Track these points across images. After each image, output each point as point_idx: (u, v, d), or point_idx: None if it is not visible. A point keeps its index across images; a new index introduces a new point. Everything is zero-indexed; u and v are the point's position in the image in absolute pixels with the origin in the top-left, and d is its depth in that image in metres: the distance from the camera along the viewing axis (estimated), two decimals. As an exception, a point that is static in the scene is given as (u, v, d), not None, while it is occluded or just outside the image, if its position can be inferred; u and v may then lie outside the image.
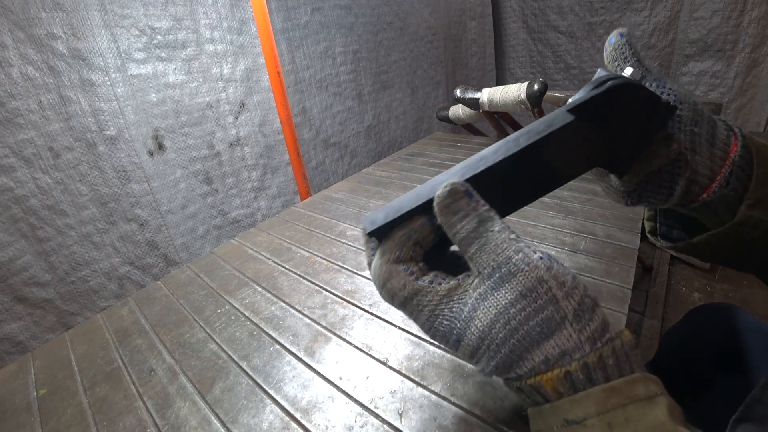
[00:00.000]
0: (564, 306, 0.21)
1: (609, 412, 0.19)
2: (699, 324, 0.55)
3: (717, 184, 0.29)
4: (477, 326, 0.22)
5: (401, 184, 0.76)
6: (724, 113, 1.48)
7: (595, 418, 0.19)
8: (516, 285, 0.22)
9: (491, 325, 0.22)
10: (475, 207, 0.23)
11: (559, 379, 0.21)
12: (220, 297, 0.48)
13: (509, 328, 0.21)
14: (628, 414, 0.19)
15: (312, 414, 0.32)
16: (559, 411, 0.20)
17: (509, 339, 0.21)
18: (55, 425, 0.34)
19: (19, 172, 0.69)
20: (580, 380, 0.20)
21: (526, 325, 0.21)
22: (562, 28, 1.78)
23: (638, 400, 0.19)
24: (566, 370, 0.20)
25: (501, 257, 0.22)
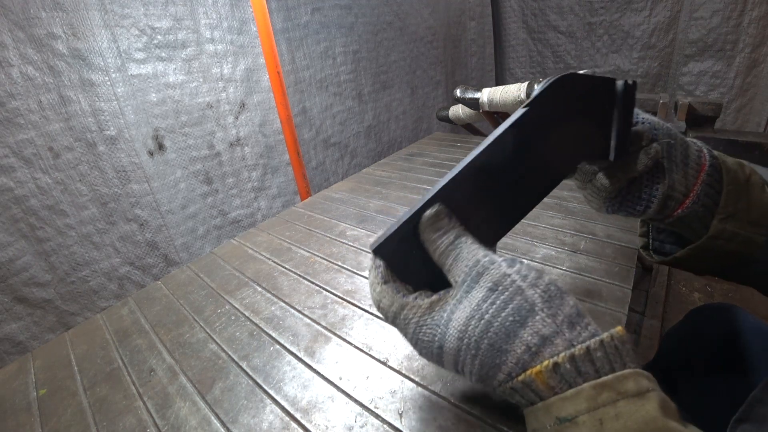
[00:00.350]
0: (530, 294, 0.23)
1: (600, 409, 0.19)
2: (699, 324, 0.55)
3: (690, 200, 0.32)
4: (454, 326, 0.24)
5: (401, 184, 0.76)
6: (724, 113, 1.48)
7: (586, 414, 0.19)
8: (484, 282, 0.24)
9: (467, 322, 0.23)
10: (453, 225, 0.26)
11: (548, 371, 0.21)
12: (220, 297, 0.48)
13: (484, 321, 0.23)
14: (619, 410, 0.19)
15: (312, 414, 0.31)
16: (551, 409, 0.20)
17: (486, 332, 0.23)
18: (55, 425, 0.34)
19: (19, 172, 0.69)
20: (569, 371, 0.21)
21: (499, 316, 0.23)
22: (561, 28, 1.78)
23: (629, 395, 0.20)
24: (554, 361, 0.21)
25: (471, 261, 0.25)
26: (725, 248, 0.33)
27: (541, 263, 0.46)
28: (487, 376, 0.23)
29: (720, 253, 0.33)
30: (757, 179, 0.33)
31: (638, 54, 1.63)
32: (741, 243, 0.32)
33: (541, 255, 0.48)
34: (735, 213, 0.32)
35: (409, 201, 0.67)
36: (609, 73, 1.72)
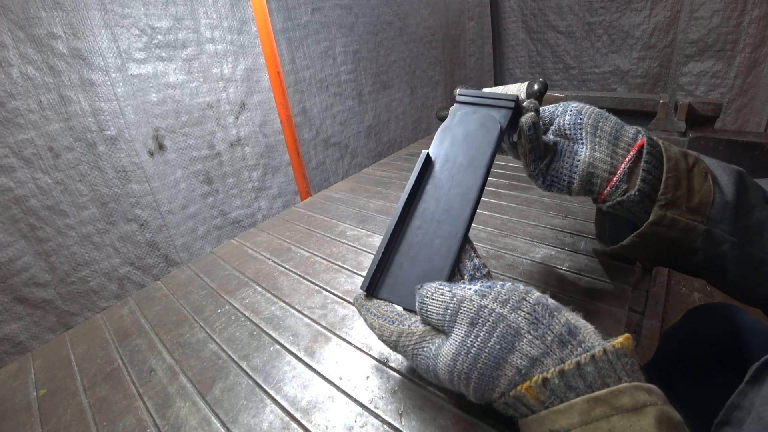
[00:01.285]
0: (513, 319, 0.23)
1: (593, 423, 0.19)
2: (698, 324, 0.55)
3: (617, 178, 0.34)
4: (443, 362, 0.24)
5: (401, 184, 0.76)
6: (725, 113, 1.48)
7: (578, 428, 0.19)
8: (462, 320, 0.24)
9: (454, 358, 0.24)
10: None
11: (538, 386, 0.21)
12: (220, 297, 0.48)
13: (471, 356, 0.23)
14: (612, 425, 0.19)
15: (312, 414, 0.31)
16: (545, 421, 0.20)
17: (475, 365, 0.23)
18: (55, 425, 0.34)
19: (19, 172, 0.69)
20: (558, 386, 0.21)
21: (485, 348, 0.23)
22: (561, 28, 1.78)
23: (624, 410, 0.19)
24: (543, 377, 0.21)
25: (440, 309, 0.25)
26: (667, 235, 0.34)
27: (541, 263, 0.46)
28: (482, 398, 0.24)
29: (663, 241, 0.34)
30: (701, 168, 0.33)
31: (638, 54, 1.63)
32: (682, 230, 0.33)
33: (541, 255, 0.48)
34: (674, 200, 0.33)
35: (409, 201, 0.67)
36: (609, 74, 1.73)
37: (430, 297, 0.26)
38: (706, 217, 0.33)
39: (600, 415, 0.19)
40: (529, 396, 0.21)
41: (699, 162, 0.34)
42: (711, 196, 0.32)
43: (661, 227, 0.34)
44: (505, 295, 0.24)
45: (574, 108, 0.36)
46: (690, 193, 0.33)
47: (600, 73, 1.75)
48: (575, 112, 0.36)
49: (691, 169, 0.33)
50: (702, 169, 0.33)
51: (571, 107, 0.36)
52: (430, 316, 0.26)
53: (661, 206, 0.33)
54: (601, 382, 0.20)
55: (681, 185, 0.33)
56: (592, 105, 0.37)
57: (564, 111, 0.37)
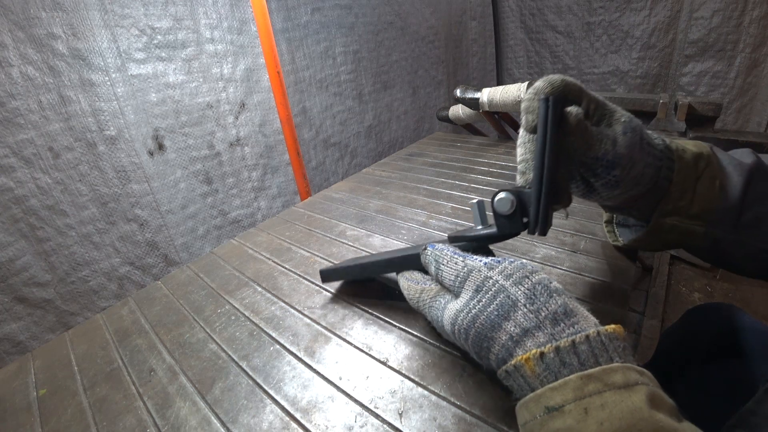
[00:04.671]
0: (513, 292, 0.25)
1: (585, 398, 0.20)
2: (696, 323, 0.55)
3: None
4: (447, 316, 0.28)
5: (401, 184, 0.76)
6: (725, 113, 1.48)
7: (572, 403, 0.20)
8: (469, 285, 0.27)
9: (456, 314, 0.27)
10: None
11: (536, 359, 0.22)
12: (220, 297, 0.48)
13: (471, 315, 0.26)
14: (605, 400, 0.20)
15: (312, 414, 0.31)
16: (540, 399, 0.21)
17: (473, 324, 0.26)
18: (55, 425, 0.34)
19: (19, 172, 0.69)
20: (554, 361, 0.22)
21: (484, 311, 0.25)
22: (560, 28, 1.78)
23: (615, 387, 0.20)
24: (541, 351, 0.22)
25: (453, 274, 0.29)
26: (667, 238, 0.36)
27: (541, 263, 0.46)
28: (480, 356, 0.26)
29: (663, 241, 0.36)
30: (710, 174, 0.34)
31: (638, 54, 1.63)
32: (681, 233, 0.35)
33: (541, 255, 0.48)
34: (676, 209, 0.34)
35: (409, 201, 0.67)
36: (608, 74, 1.73)
37: (445, 264, 0.30)
38: (707, 221, 0.34)
39: (593, 390, 0.20)
40: (527, 367, 0.22)
41: (710, 165, 0.34)
42: (714, 202, 0.33)
43: (660, 233, 0.35)
44: (510, 271, 0.26)
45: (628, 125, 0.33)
46: (693, 201, 0.33)
47: (599, 74, 1.75)
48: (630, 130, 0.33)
49: (699, 176, 0.34)
50: (711, 173, 0.33)
51: (626, 124, 0.33)
52: (443, 279, 0.30)
53: (660, 215, 0.35)
54: (593, 361, 0.22)
55: (685, 195, 0.34)
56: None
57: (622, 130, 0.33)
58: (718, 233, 0.34)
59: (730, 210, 0.33)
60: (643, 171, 0.33)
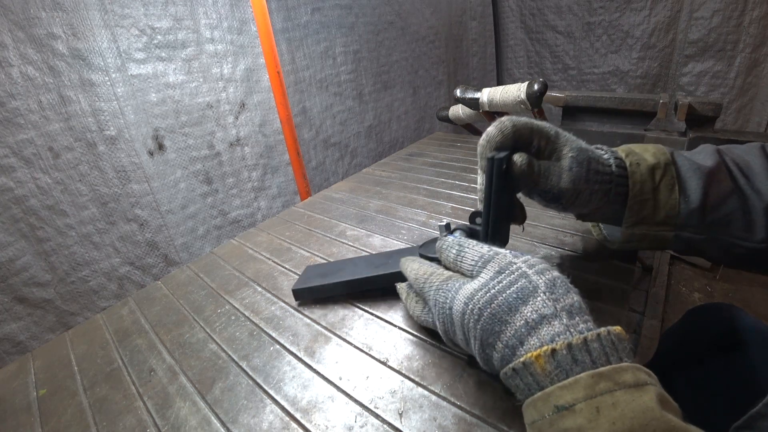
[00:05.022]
0: (535, 279, 0.25)
1: (597, 397, 0.20)
2: (697, 324, 0.55)
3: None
4: (462, 294, 0.27)
5: (401, 184, 0.76)
6: (725, 113, 1.48)
7: (583, 402, 0.20)
8: (491, 267, 0.27)
9: (474, 293, 0.26)
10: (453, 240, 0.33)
11: (547, 356, 0.22)
12: (220, 297, 0.48)
13: (489, 294, 0.25)
14: (616, 399, 0.20)
15: (312, 414, 0.31)
16: (549, 398, 0.21)
17: (490, 303, 0.25)
18: (55, 425, 0.34)
19: (19, 172, 0.69)
20: (566, 358, 0.21)
21: (504, 292, 0.25)
22: (560, 28, 1.78)
23: (626, 386, 0.20)
24: (552, 348, 0.22)
25: (476, 256, 0.29)
26: (641, 244, 0.38)
27: (541, 263, 0.46)
28: (485, 346, 0.25)
29: (641, 246, 0.38)
30: (668, 182, 0.36)
31: (638, 54, 1.63)
32: (652, 240, 0.37)
33: (541, 255, 0.48)
34: (640, 220, 0.37)
35: (409, 201, 0.67)
36: (608, 74, 1.72)
37: (470, 248, 0.30)
38: (674, 226, 0.36)
39: (604, 389, 0.20)
40: (537, 365, 0.22)
41: (668, 173, 0.36)
42: (677, 207, 0.36)
43: (632, 242, 0.38)
44: (533, 262, 0.26)
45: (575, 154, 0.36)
46: (656, 210, 0.36)
47: (599, 74, 1.75)
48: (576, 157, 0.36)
49: (657, 186, 0.36)
50: (669, 181, 0.36)
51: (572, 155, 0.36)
52: (464, 260, 0.30)
53: (628, 226, 0.37)
54: (605, 360, 0.21)
55: (646, 206, 0.36)
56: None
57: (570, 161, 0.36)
58: (687, 235, 0.36)
59: (694, 213, 0.35)
60: (590, 197, 0.36)
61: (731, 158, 0.37)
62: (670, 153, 0.38)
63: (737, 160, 0.37)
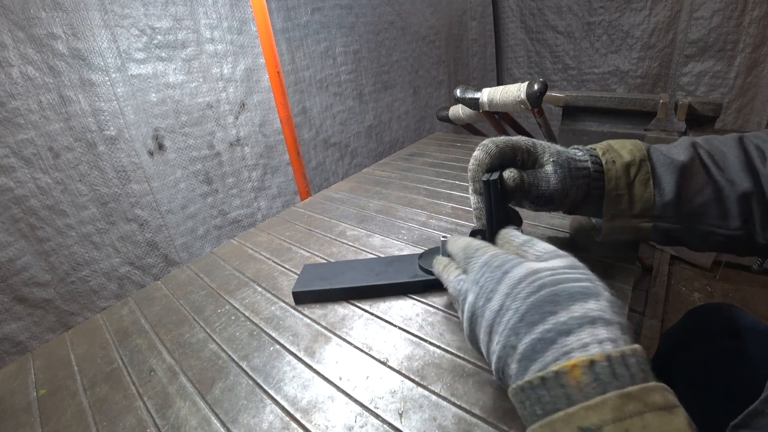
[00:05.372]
0: (599, 285, 0.25)
1: (626, 420, 0.18)
2: (697, 324, 0.55)
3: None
4: (526, 267, 0.26)
5: (401, 184, 0.76)
6: (725, 113, 1.48)
7: (611, 425, 0.18)
8: (563, 260, 0.27)
9: (539, 270, 0.25)
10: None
11: (584, 366, 0.20)
12: (220, 297, 0.48)
13: (555, 278, 0.24)
14: (646, 422, 0.18)
15: (312, 414, 0.31)
16: (573, 419, 0.19)
17: (552, 285, 0.24)
18: (55, 425, 0.34)
19: (19, 172, 0.69)
20: (605, 371, 0.20)
21: (569, 282, 0.24)
22: (560, 28, 1.78)
23: (656, 408, 0.19)
24: (591, 358, 0.20)
25: (548, 248, 0.29)
26: (622, 236, 0.40)
27: (541, 263, 0.46)
28: (529, 321, 0.23)
29: (622, 237, 0.40)
30: (642, 177, 0.38)
31: (638, 54, 1.63)
32: (632, 231, 0.39)
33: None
34: (618, 213, 0.39)
35: (409, 201, 0.67)
36: (608, 74, 1.72)
37: (541, 242, 0.30)
38: (651, 217, 0.38)
39: (633, 411, 0.18)
40: (571, 375, 0.20)
41: (643, 168, 0.38)
42: (652, 200, 0.38)
43: (613, 234, 0.40)
44: (596, 276, 0.26)
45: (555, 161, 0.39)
46: (632, 203, 0.38)
47: (599, 74, 1.75)
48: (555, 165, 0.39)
49: (632, 181, 0.38)
50: (644, 176, 0.38)
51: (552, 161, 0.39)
52: (535, 247, 0.30)
53: (608, 219, 0.39)
54: (641, 377, 0.20)
55: (622, 200, 0.39)
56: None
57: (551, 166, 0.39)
58: (664, 225, 0.38)
59: (669, 204, 0.37)
60: (576, 194, 0.39)
61: (706, 150, 0.39)
62: (647, 149, 0.40)
63: (713, 151, 0.39)
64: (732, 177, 0.37)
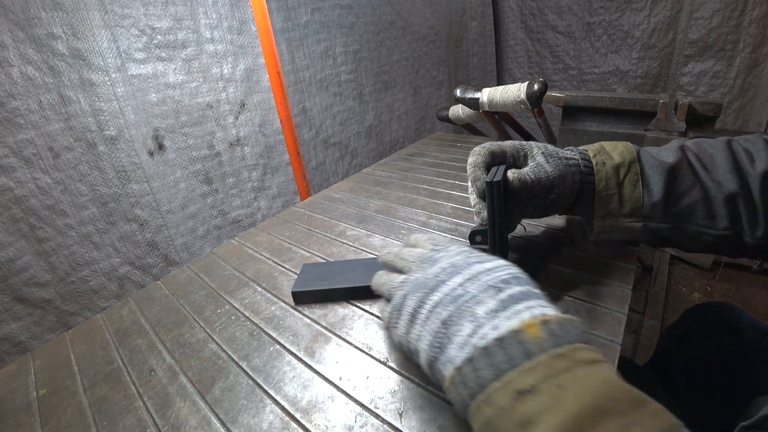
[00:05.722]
0: (526, 277, 0.28)
1: (558, 375, 0.20)
2: (697, 323, 0.55)
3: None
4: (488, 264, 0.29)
5: (401, 184, 0.76)
6: (725, 113, 1.48)
7: (545, 383, 0.20)
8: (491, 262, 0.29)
9: (498, 267, 0.28)
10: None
11: (539, 325, 0.22)
12: (220, 297, 0.48)
13: (496, 273, 0.27)
14: (577, 374, 0.20)
15: (312, 414, 0.31)
16: (509, 386, 0.20)
17: (496, 277, 0.27)
18: (55, 425, 0.34)
19: (19, 172, 0.69)
20: (558, 328, 0.22)
21: (505, 273, 0.27)
22: (560, 28, 1.78)
23: (584, 363, 0.21)
24: (543, 319, 0.22)
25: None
26: (613, 235, 0.41)
27: (542, 263, 0.46)
28: (477, 300, 0.25)
29: (614, 237, 0.42)
30: (632, 178, 0.40)
31: (638, 54, 1.63)
32: (622, 231, 0.41)
33: (541, 254, 0.48)
34: (609, 213, 0.41)
35: (409, 201, 0.67)
36: (608, 74, 1.72)
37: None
38: (640, 217, 0.40)
39: (563, 368, 0.20)
40: (529, 332, 0.22)
41: (631, 170, 0.40)
42: (641, 200, 0.39)
43: (605, 233, 0.42)
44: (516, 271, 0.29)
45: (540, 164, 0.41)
46: (622, 203, 0.40)
47: (599, 74, 1.75)
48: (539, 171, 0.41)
49: (621, 182, 0.40)
50: (633, 177, 0.40)
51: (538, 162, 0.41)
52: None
53: (599, 219, 0.41)
54: (583, 337, 0.22)
55: (612, 200, 0.40)
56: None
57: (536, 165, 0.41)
58: (653, 225, 0.40)
59: (657, 204, 0.39)
60: (573, 180, 0.40)
61: (695, 153, 0.40)
62: (637, 151, 0.41)
63: (701, 154, 0.40)
64: (719, 178, 0.38)
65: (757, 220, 0.36)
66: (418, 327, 0.27)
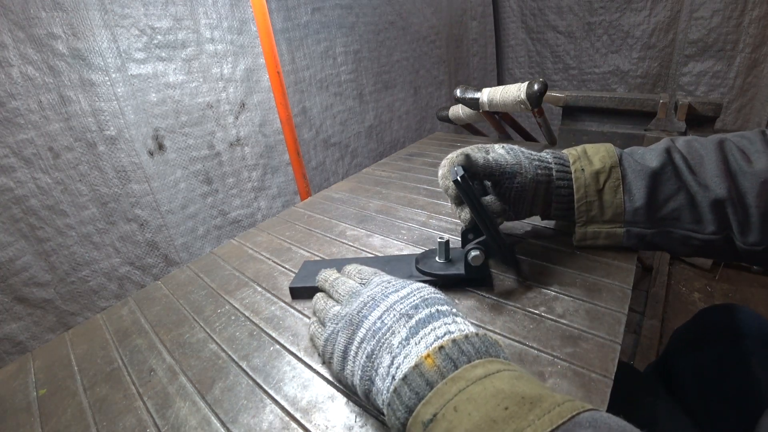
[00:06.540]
0: (444, 298, 0.30)
1: (453, 398, 0.20)
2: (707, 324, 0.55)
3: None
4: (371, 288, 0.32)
5: (401, 184, 0.76)
6: (725, 113, 1.48)
7: (442, 409, 0.20)
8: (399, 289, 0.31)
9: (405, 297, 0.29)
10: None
11: (435, 353, 0.23)
12: (220, 297, 0.48)
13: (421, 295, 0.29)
14: (470, 393, 0.20)
15: (312, 414, 0.31)
16: (417, 419, 0.21)
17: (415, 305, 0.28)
18: (55, 425, 0.34)
19: (19, 172, 0.69)
20: (453, 351, 0.23)
21: (423, 297, 0.29)
22: (561, 28, 1.78)
23: (477, 379, 0.21)
24: (440, 345, 0.23)
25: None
26: (596, 241, 0.42)
27: (541, 263, 0.46)
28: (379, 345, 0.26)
29: (597, 244, 0.42)
30: (612, 184, 0.40)
31: (638, 54, 1.63)
32: (606, 237, 0.41)
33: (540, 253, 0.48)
34: (590, 219, 0.41)
35: (409, 201, 0.67)
36: (608, 74, 1.73)
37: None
38: (622, 222, 0.40)
39: (457, 390, 0.21)
40: (427, 364, 0.22)
41: (612, 176, 0.40)
42: (622, 206, 0.39)
43: (587, 239, 0.42)
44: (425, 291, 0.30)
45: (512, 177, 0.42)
46: (602, 209, 0.40)
47: (600, 73, 1.75)
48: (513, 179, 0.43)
49: (601, 189, 0.40)
50: (613, 183, 0.40)
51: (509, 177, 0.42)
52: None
53: (580, 226, 0.42)
54: (485, 349, 0.23)
55: (592, 207, 0.40)
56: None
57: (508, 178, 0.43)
58: (637, 230, 0.40)
59: (639, 210, 0.39)
60: (536, 176, 0.41)
61: (682, 155, 0.39)
62: (619, 155, 0.41)
63: (690, 155, 0.39)
64: (706, 182, 0.37)
65: (749, 225, 0.35)
66: (350, 363, 0.28)
